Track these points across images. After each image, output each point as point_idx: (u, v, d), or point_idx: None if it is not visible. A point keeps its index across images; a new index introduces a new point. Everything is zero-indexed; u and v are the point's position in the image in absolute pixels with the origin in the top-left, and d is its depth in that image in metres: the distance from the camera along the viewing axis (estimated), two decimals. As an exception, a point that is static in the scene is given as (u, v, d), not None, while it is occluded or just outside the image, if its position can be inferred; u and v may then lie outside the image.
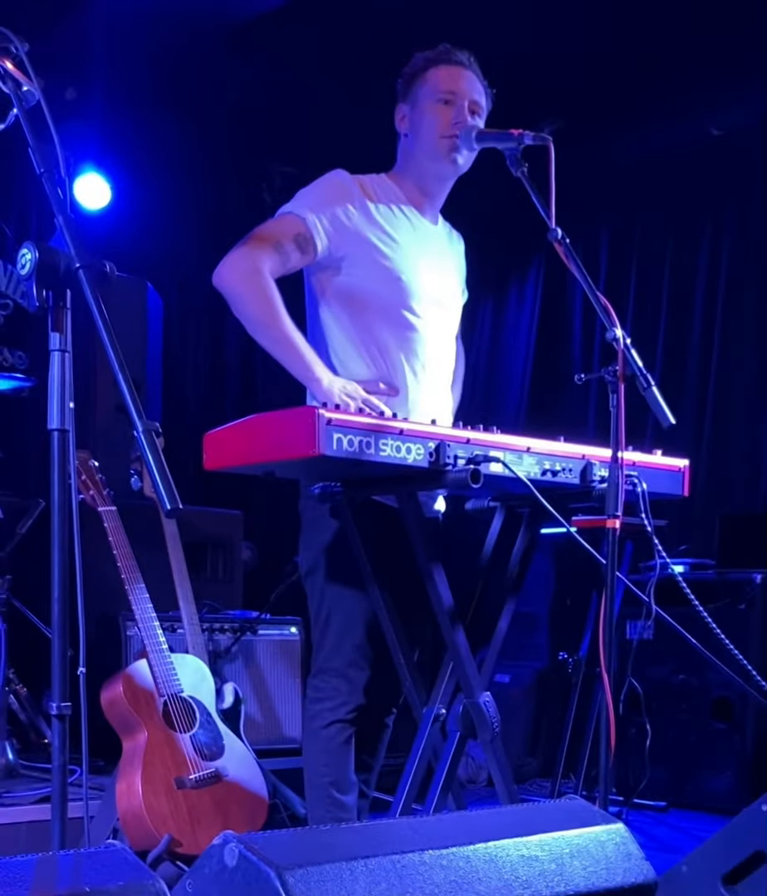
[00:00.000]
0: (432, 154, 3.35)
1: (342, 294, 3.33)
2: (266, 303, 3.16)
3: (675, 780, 5.16)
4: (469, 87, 3.36)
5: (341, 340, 3.33)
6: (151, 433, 1.94)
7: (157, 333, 6.01)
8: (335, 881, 1.91)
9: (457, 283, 3.61)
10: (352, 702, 3.26)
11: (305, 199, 3.31)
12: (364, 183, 3.36)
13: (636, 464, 3.21)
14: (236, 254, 3.21)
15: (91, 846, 1.93)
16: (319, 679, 3.33)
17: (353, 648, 3.27)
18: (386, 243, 3.31)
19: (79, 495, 3.68)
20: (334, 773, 3.27)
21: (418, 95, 3.37)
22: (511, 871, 2.13)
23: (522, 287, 7.68)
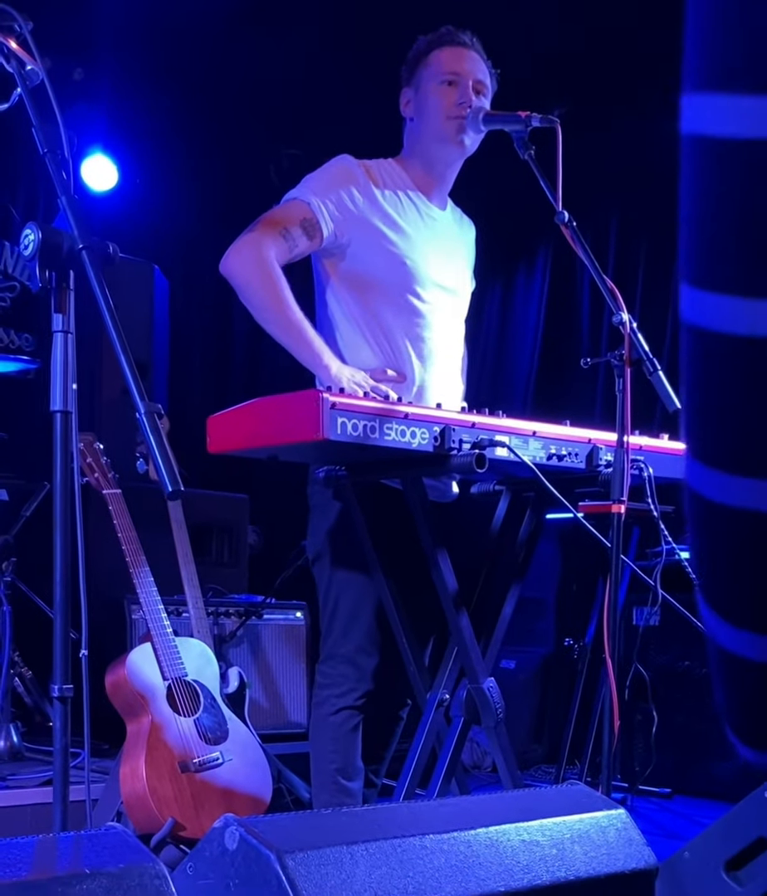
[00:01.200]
0: (438, 136, 3.34)
1: (348, 279, 3.32)
2: (273, 290, 3.16)
3: (680, 767, 5.15)
4: (473, 68, 3.34)
5: (347, 326, 3.33)
6: (154, 415, 1.93)
7: (163, 316, 6.00)
8: (336, 865, 1.91)
9: (465, 269, 3.59)
10: (360, 688, 3.26)
11: (310, 184, 3.30)
12: (370, 168, 3.34)
13: (643, 448, 3.20)
14: (243, 242, 3.20)
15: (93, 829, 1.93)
16: (327, 665, 3.32)
17: (361, 634, 3.27)
18: (392, 229, 3.30)
19: (83, 478, 3.68)
20: (341, 759, 3.27)
21: (422, 78, 3.36)
22: (512, 856, 2.12)
23: (530, 271, 7.66)
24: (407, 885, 1.96)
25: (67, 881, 1.64)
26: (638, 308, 6.63)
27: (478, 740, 5.35)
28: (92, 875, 1.67)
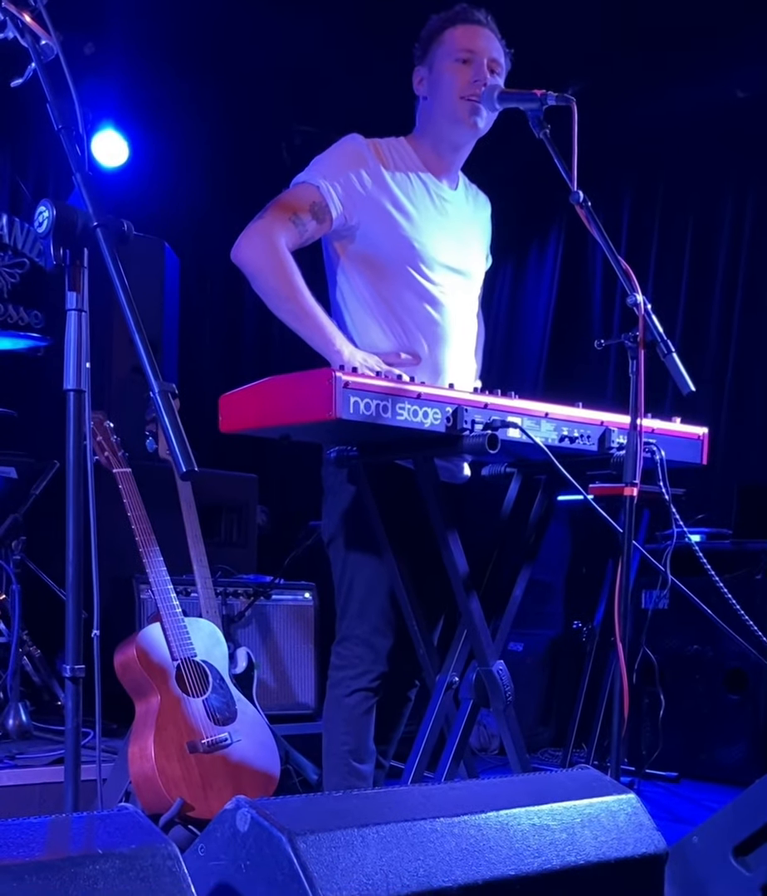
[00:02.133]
0: (451, 116, 3.30)
1: (359, 261, 3.30)
2: (285, 277, 3.14)
3: (688, 751, 5.15)
4: (488, 46, 3.31)
5: (358, 309, 3.31)
6: (167, 394, 1.91)
7: (174, 294, 5.98)
8: (347, 847, 1.91)
9: (479, 249, 3.56)
10: (375, 670, 3.25)
11: (319, 166, 3.28)
12: (380, 148, 3.31)
13: (655, 431, 3.18)
14: (253, 229, 3.18)
15: (104, 809, 1.92)
16: (342, 647, 3.31)
17: (376, 616, 3.26)
18: (400, 211, 3.27)
19: (93, 457, 3.66)
20: (354, 741, 3.26)
21: (436, 56, 3.32)
22: (522, 840, 2.12)
23: (542, 251, 7.63)
24: (418, 869, 1.96)
25: (80, 862, 1.63)
26: (651, 289, 6.61)
27: (486, 723, 5.35)
28: (104, 856, 1.67)
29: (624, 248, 6.83)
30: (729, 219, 6.57)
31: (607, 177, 6.42)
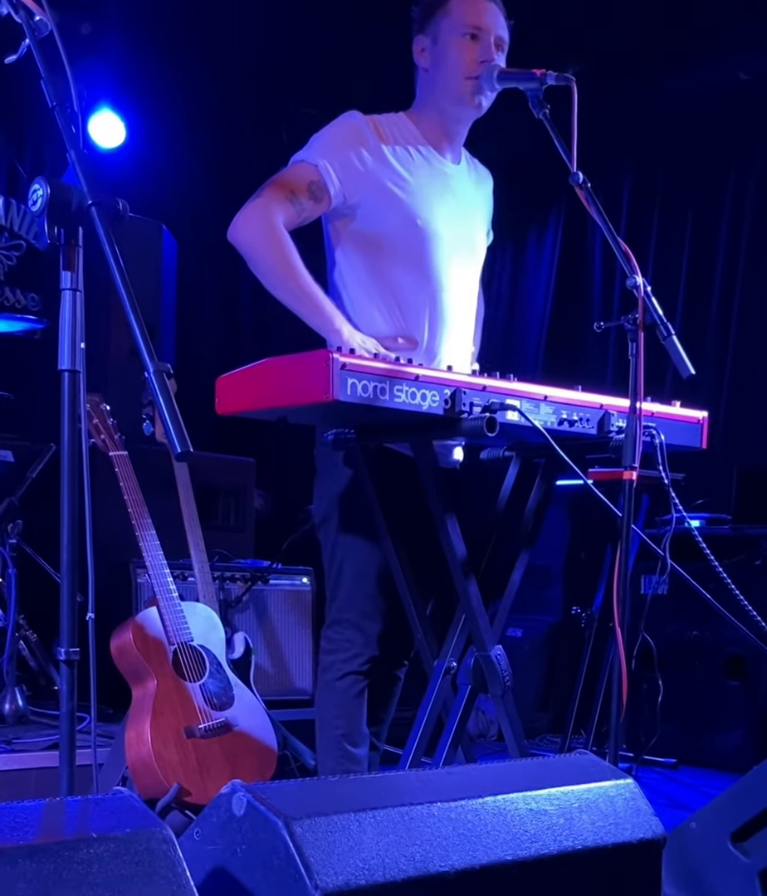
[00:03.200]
0: (455, 96, 3.26)
1: (359, 240, 3.27)
2: (282, 257, 3.12)
3: (686, 737, 5.15)
4: (495, 22, 3.26)
5: (356, 289, 3.28)
6: (163, 375, 1.89)
7: (171, 276, 5.95)
8: (343, 832, 1.90)
9: (481, 225, 3.53)
10: (366, 653, 3.24)
11: (317, 145, 3.24)
12: (379, 124, 3.27)
13: (655, 415, 3.17)
14: (249, 208, 3.16)
15: (100, 793, 1.91)
16: (332, 630, 3.30)
17: (366, 599, 3.24)
18: (402, 187, 3.24)
19: (90, 439, 3.65)
20: (347, 725, 3.25)
21: (441, 28, 3.26)
22: (520, 825, 2.11)
23: (542, 233, 7.61)
24: (414, 853, 1.95)
25: (74, 845, 1.62)
26: (651, 272, 6.59)
27: (483, 709, 5.34)
28: (99, 839, 1.66)
29: (624, 231, 6.80)
30: (730, 202, 6.55)
31: (607, 159, 6.39)
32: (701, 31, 5.73)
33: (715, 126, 6.37)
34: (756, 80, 6.17)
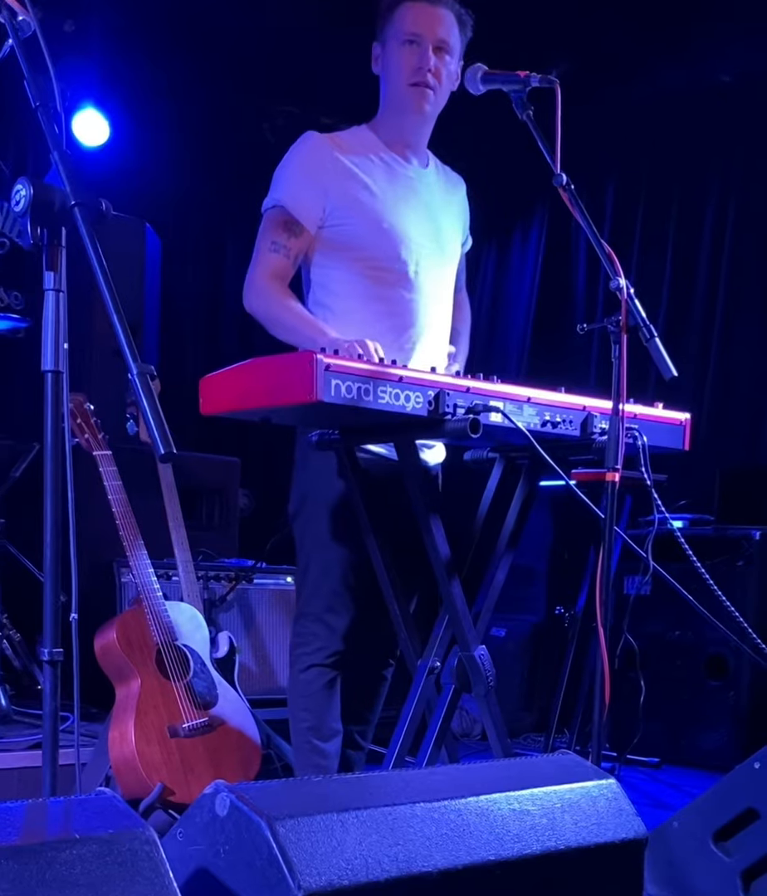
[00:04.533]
0: (399, 104, 3.32)
1: (329, 247, 3.28)
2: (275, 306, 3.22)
3: (669, 737, 5.16)
4: (435, 27, 3.27)
5: (329, 295, 3.29)
6: (146, 376, 1.89)
7: (155, 275, 5.93)
8: (326, 832, 1.90)
9: (454, 228, 3.54)
10: (330, 647, 3.26)
11: (278, 183, 3.30)
12: (337, 138, 3.32)
13: (637, 416, 3.18)
14: (247, 281, 3.28)
15: (83, 793, 1.91)
16: (298, 624, 3.34)
17: (330, 593, 3.26)
18: (367, 192, 3.27)
19: (73, 439, 3.65)
20: (314, 718, 3.27)
21: (387, 35, 3.30)
22: (502, 825, 2.12)
23: (526, 235, 7.61)
24: (397, 853, 1.95)
25: (57, 846, 1.62)
26: (635, 275, 6.59)
27: (467, 708, 5.35)
28: (82, 840, 1.66)
29: (608, 233, 6.80)
30: (714, 203, 6.55)
31: (591, 161, 6.39)
32: (683, 33, 5.74)
33: (698, 128, 6.37)
34: (737, 82, 6.18)
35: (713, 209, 6.55)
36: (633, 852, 2.32)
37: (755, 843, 2.72)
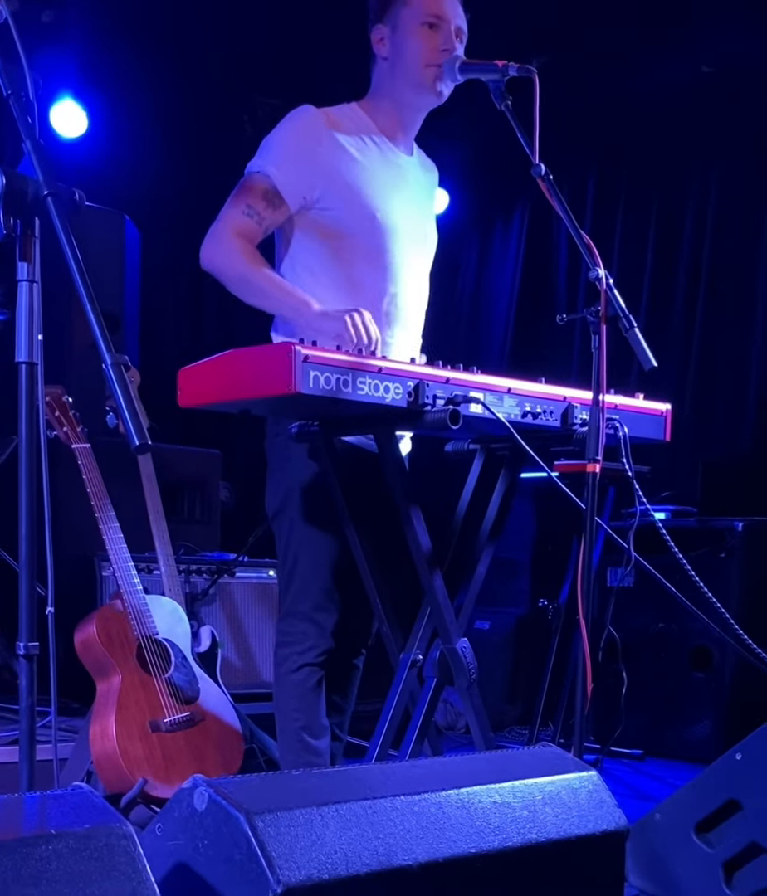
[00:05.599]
0: (416, 84, 3.25)
1: (315, 231, 3.25)
2: (244, 265, 3.15)
3: (653, 729, 5.16)
4: (454, 12, 3.25)
5: (310, 278, 3.26)
6: (121, 367, 1.88)
7: (135, 268, 5.89)
8: (306, 826, 1.89)
9: (432, 217, 3.53)
10: (321, 645, 3.24)
11: (268, 151, 3.24)
12: (331, 114, 3.25)
13: (618, 407, 3.17)
14: (210, 234, 3.20)
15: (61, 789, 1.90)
16: (286, 623, 3.30)
17: (320, 591, 3.24)
18: (358, 176, 3.23)
19: (52, 432, 3.62)
20: (306, 717, 3.25)
21: (401, 17, 3.25)
22: (483, 818, 2.11)
23: (507, 226, 7.60)
24: (378, 847, 1.95)
25: (32, 842, 1.61)
26: (616, 264, 6.59)
27: (452, 701, 5.34)
28: (58, 836, 1.64)
29: (589, 224, 6.80)
30: (695, 194, 6.55)
31: (572, 152, 6.37)
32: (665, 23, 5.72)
33: (679, 118, 6.36)
34: (718, 73, 6.16)
35: (694, 200, 6.55)
36: (614, 844, 2.32)
37: (736, 834, 2.72)
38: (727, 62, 6.09)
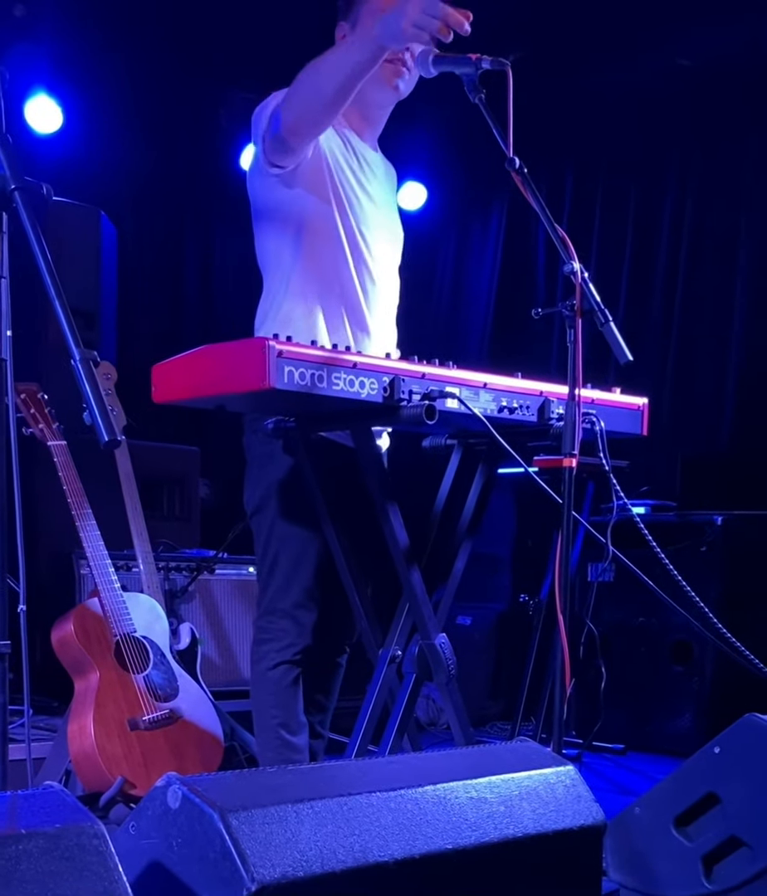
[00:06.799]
0: (375, 78, 3.23)
1: (294, 230, 3.24)
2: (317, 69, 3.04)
3: (634, 723, 5.16)
4: None
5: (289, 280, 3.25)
6: (89, 362, 1.87)
7: (111, 264, 5.85)
8: (280, 823, 1.89)
9: (396, 214, 3.53)
10: (299, 643, 3.23)
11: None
12: None
13: (595, 401, 3.17)
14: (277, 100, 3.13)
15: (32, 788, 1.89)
16: (265, 620, 3.29)
17: (301, 589, 3.23)
18: (339, 172, 3.23)
19: (27, 429, 3.60)
20: (283, 714, 3.24)
21: (360, 14, 3.26)
22: (460, 814, 2.11)
23: (485, 220, 7.58)
24: (354, 844, 1.94)
25: (2, 841, 1.60)
26: (594, 258, 6.59)
27: (434, 697, 5.33)
28: (28, 835, 1.63)
29: (567, 220, 6.79)
30: (673, 188, 6.54)
31: (550, 146, 6.35)
32: (642, 15, 5.72)
33: (657, 111, 6.35)
34: (696, 67, 6.16)
35: (672, 195, 6.54)
36: (592, 838, 2.32)
37: (715, 827, 2.72)
38: (703, 55, 6.09)
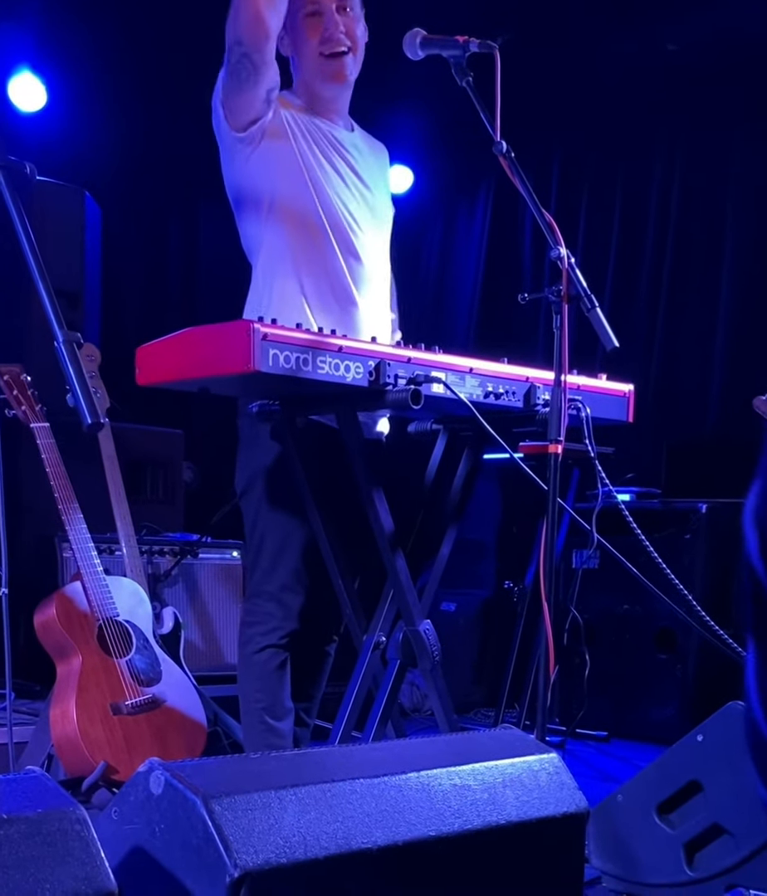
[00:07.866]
0: (319, 75, 3.31)
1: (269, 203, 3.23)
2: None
3: (618, 710, 5.16)
4: None
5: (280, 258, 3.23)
6: (72, 344, 1.85)
7: (95, 245, 5.82)
8: (263, 810, 1.88)
9: (385, 192, 3.53)
10: (285, 627, 3.22)
11: None
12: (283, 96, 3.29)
13: (581, 388, 3.16)
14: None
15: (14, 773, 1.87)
16: (251, 603, 3.29)
17: (287, 572, 3.22)
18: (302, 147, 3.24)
19: (10, 411, 3.58)
20: (268, 698, 3.24)
21: (288, 14, 3.21)
22: (443, 801, 2.11)
23: (472, 205, 7.55)
24: (336, 830, 1.94)
25: (-17, 827, 1.59)
26: (581, 243, 6.57)
27: (418, 683, 5.33)
28: (9, 820, 1.63)
29: (554, 205, 6.77)
30: (660, 174, 6.52)
31: (537, 130, 6.33)
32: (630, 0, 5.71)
33: (644, 97, 6.33)
34: (683, 51, 6.14)
35: (659, 181, 6.53)
36: (574, 826, 2.32)
37: (697, 815, 2.72)
38: (691, 40, 6.06)
